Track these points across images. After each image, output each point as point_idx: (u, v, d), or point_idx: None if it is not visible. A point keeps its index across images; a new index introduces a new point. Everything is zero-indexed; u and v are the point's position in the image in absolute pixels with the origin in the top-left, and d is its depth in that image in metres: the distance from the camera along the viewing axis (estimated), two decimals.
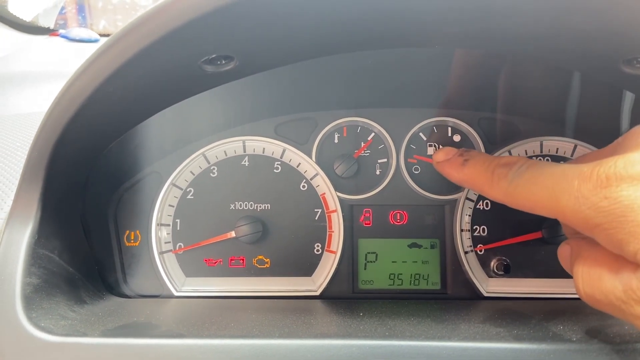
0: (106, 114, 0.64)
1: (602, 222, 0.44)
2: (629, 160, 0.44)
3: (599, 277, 0.49)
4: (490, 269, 0.83)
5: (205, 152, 0.86)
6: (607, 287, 0.47)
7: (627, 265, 0.46)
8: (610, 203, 0.43)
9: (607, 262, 0.49)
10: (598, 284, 0.49)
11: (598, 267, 0.49)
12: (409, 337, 0.55)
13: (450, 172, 0.67)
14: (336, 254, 0.84)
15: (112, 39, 0.50)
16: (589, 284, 0.50)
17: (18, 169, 0.81)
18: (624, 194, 0.43)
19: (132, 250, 0.84)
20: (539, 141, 0.85)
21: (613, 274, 0.47)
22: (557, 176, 0.49)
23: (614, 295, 0.46)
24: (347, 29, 0.58)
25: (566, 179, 0.48)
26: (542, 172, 0.52)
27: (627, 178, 0.43)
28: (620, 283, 0.46)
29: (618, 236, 0.44)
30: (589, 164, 0.47)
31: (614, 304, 0.47)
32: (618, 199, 0.43)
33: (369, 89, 0.85)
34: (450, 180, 0.68)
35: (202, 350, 0.54)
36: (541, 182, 0.51)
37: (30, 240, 0.61)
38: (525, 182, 0.53)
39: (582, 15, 0.50)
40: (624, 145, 0.51)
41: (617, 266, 0.47)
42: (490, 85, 0.82)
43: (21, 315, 0.56)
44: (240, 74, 0.67)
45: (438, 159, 0.70)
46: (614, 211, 0.43)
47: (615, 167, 0.44)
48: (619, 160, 0.45)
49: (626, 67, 0.59)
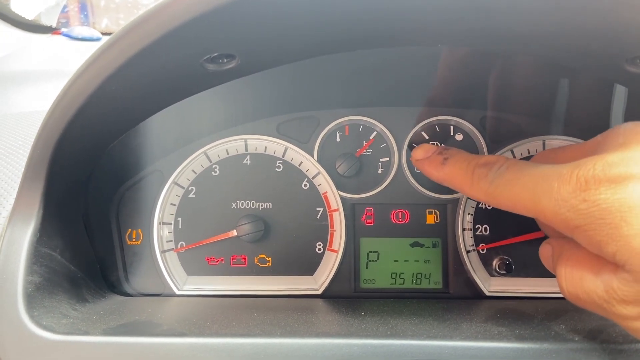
0: (108, 113, 0.64)
1: (582, 224, 0.45)
2: (607, 162, 0.45)
3: (581, 277, 0.50)
4: (492, 268, 0.83)
5: (207, 151, 0.86)
6: (590, 287, 0.48)
7: (607, 265, 0.47)
8: (589, 206, 0.44)
9: (589, 262, 0.49)
10: (580, 284, 0.49)
11: (580, 267, 0.50)
12: (410, 337, 0.55)
13: (429, 170, 0.67)
14: (338, 253, 0.84)
15: (114, 37, 0.50)
16: (572, 284, 0.51)
17: (20, 168, 0.81)
18: (602, 197, 0.43)
19: (133, 248, 0.84)
20: (542, 140, 0.85)
21: (594, 275, 0.48)
22: (537, 177, 0.50)
23: (597, 294, 0.47)
24: (348, 27, 0.58)
25: (546, 180, 0.48)
26: (522, 173, 0.52)
27: (605, 181, 0.44)
28: (601, 283, 0.47)
29: (597, 238, 0.44)
30: (569, 166, 0.47)
31: (597, 303, 0.47)
32: (597, 201, 0.44)
33: (371, 87, 0.85)
34: (431, 179, 0.67)
35: (203, 349, 0.54)
36: (521, 183, 0.51)
37: (32, 239, 0.61)
38: (505, 183, 0.54)
39: (586, 14, 0.50)
40: (604, 144, 0.51)
41: (598, 266, 0.48)
42: (492, 84, 0.82)
43: (23, 313, 0.56)
44: (242, 73, 0.66)
45: (417, 156, 0.69)
46: (593, 214, 0.44)
47: (594, 170, 0.45)
48: (597, 162, 0.45)
49: (630, 66, 0.59)
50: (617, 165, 0.44)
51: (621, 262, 0.43)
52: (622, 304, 0.45)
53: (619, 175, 0.43)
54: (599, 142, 0.53)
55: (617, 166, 0.44)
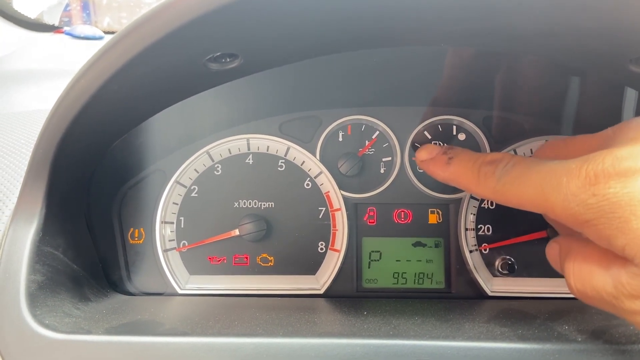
0: (111, 112, 0.64)
1: (591, 219, 0.45)
2: (616, 156, 0.45)
3: (589, 273, 0.49)
4: (494, 268, 0.83)
5: (209, 150, 0.86)
6: (598, 283, 0.48)
7: (616, 260, 0.46)
8: (599, 200, 0.44)
9: (597, 258, 0.49)
10: (589, 280, 0.49)
11: (588, 263, 0.50)
12: (413, 337, 0.55)
13: (435, 170, 0.66)
14: (340, 252, 0.84)
15: (116, 36, 0.50)
16: (580, 280, 0.50)
17: (23, 167, 0.82)
18: (611, 191, 0.43)
19: (136, 247, 0.84)
20: (545, 140, 0.85)
21: (603, 270, 0.48)
22: (545, 173, 0.49)
23: (605, 290, 0.47)
24: (351, 27, 0.58)
25: (555, 175, 0.48)
26: (530, 170, 0.52)
27: (615, 175, 0.44)
28: (610, 278, 0.47)
29: (607, 232, 0.44)
30: (577, 160, 0.47)
31: (605, 299, 0.47)
32: (606, 195, 0.44)
33: (374, 87, 0.85)
34: (436, 179, 0.67)
35: (206, 348, 0.54)
36: (529, 179, 0.51)
37: (35, 238, 0.61)
38: (513, 180, 0.53)
39: (589, 14, 0.50)
40: (614, 138, 0.51)
41: (607, 262, 0.48)
42: (495, 83, 0.82)
43: (25, 312, 0.56)
44: (245, 72, 0.66)
45: (421, 157, 0.68)
46: (603, 208, 0.44)
47: (603, 164, 0.45)
48: (607, 156, 0.45)
49: (634, 66, 0.59)
50: (627, 159, 0.44)
51: (630, 255, 0.43)
52: (630, 299, 0.45)
53: (628, 169, 0.43)
54: (609, 135, 0.53)
55: (627, 160, 0.44)
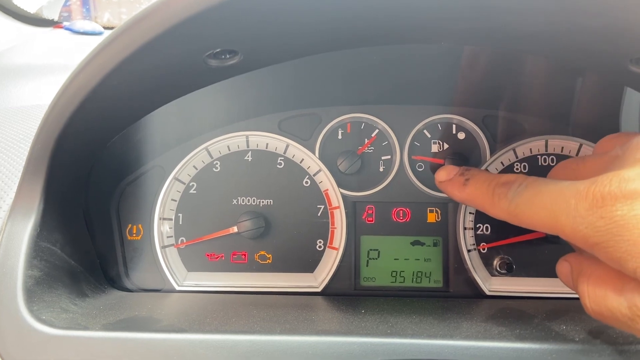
0: (109, 108, 0.64)
1: (601, 241, 0.45)
2: (623, 178, 0.44)
3: (604, 295, 0.49)
4: (493, 267, 0.83)
5: (208, 147, 0.86)
6: (613, 305, 0.48)
7: (629, 282, 0.46)
8: (607, 222, 0.44)
9: (611, 279, 0.49)
10: (604, 302, 0.49)
11: (603, 285, 0.50)
12: (410, 335, 0.55)
13: (452, 191, 0.68)
14: (338, 250, 0.83)
15: (116, 32, 0.50)
16: (595, 302, 0.50)
17: (21, 162, 0.81)
18: (618, 213, 0.43)
19: (134, 244, 0.84)
20: (544, 140, 0.85)
21: (617, 293, 0.48)
22: (555, 195, 0.49)
23: (620, 312, 0.47)
24: (351, 24, 0.58)
25: (564, 197, 0.48)
26: (541, 191, 0.52)
27: (621, 197, 0.43)
28: (625, 301, 0.47)
29: (616, 254, 0.44)
30: (586, 182, 0.47)
31: (621, 320, 0.47)
32: (614, 218, 0.43)
33: (374, 85, 0.85)
34: (454, 199, 0.68)
35: (203, 345, 0.54)
36: (540, 202, 0.51)
37: (33, 233, 0.61)
38: (525, 202, 0.54)
39: (590, 14, 0.49)
40: (622, 158, 0.50)
41: (621, 284, 0.48)
42: (495, 83, 0.82)
43: (22, 308, 0.56)
44: (245, 69, 0.66)
45: (440, 178, 0.70)
46: (611, 230, 0.44)
47: (610, 186, 0.44)
48: (613, 178, 0.45)
49: (634, 66, 0.59)
50: (634, 180, 0.44)
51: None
52: None
53: (635, 191, 0.43)
54: (618, 155, 0.52)
55: (634, 182, 0.43)
